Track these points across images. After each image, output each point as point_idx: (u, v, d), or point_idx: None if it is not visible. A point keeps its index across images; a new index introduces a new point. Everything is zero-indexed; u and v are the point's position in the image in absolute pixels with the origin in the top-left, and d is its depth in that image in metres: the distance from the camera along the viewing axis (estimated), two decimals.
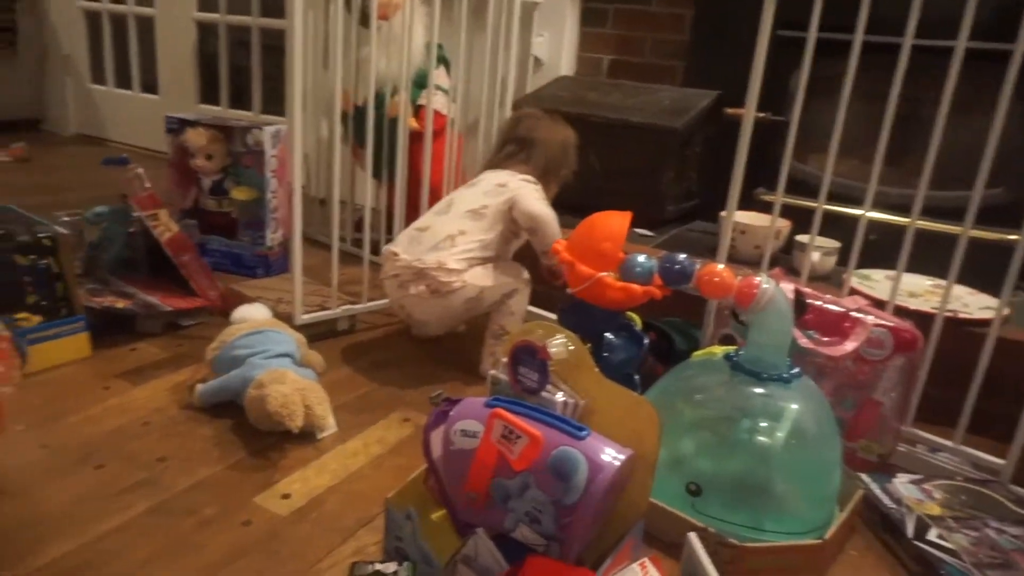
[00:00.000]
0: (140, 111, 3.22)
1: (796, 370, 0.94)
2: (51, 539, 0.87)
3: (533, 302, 1.45)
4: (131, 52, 3.21)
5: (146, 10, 3.10)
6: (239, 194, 1.81)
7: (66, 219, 1.50)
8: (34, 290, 1.28)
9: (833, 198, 1.28)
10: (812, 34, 1.16)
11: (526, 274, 1.39)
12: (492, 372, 0.89)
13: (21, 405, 1.13)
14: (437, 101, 1.82)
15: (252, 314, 1.28)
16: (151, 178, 1.55)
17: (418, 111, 1.81)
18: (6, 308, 1.24)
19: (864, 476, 1.07)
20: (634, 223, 1.13)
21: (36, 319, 1.26)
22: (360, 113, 1.85)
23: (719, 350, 1.01)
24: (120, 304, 1.41)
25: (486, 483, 0.74)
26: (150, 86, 3.21)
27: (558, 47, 2.17)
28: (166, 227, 1.52)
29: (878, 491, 1.04)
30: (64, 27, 3.35)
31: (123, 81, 3.31)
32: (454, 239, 1.31)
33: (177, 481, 1.00)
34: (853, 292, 1.31)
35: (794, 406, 0.92)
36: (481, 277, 1.31)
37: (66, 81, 3.42)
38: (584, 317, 1.11)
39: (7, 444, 1.00)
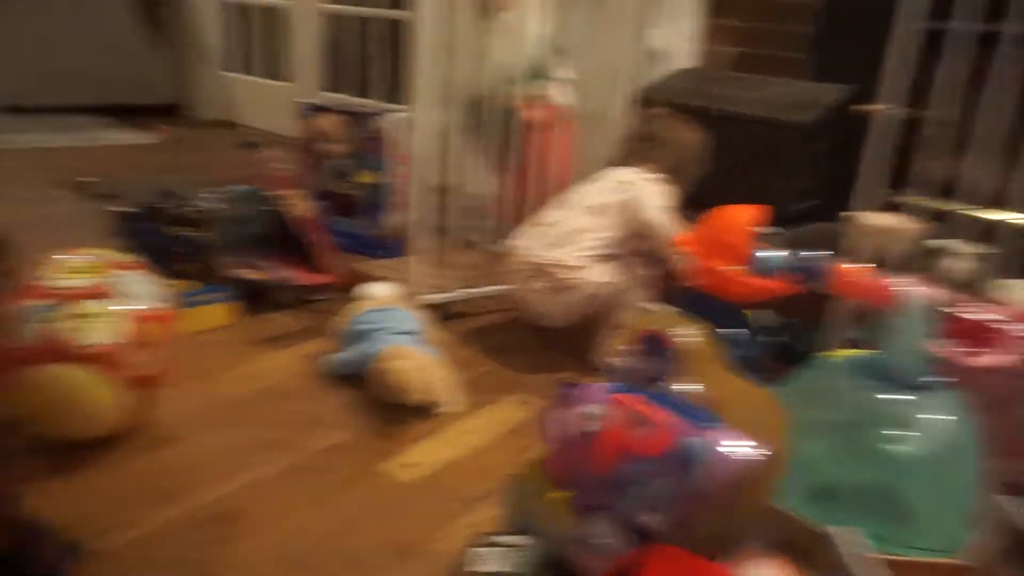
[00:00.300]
0: (271, 97, 3.42)
1: (934, 379, 0.91)
2: (207, 483, 0.97)
3: (651, 297, 1.45)
4: (262, 42, 3.41)
5: (279, 1, 3.28)
6: (362, 178, 1.90)
7: (210, 196, 1.63)
8: (183, 259, 1.41)
9: (978, 202, 1.21)
10: (959, 27, 1.10)
11: (645, 270, 1.39)
12: (613, 360, 0.90)
13: (178, 363, 1.24)
14: (555, 92, 1.84)
15: (377, 292, 1.35)
16: (282, 161, 1.66)
17: (535, 102, 1.84)
18: (158, 274, 1.36)
19: (1004, 499, 1.01)
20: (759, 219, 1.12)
21: (185, 286, 1.38)
22: (478, 103, 1.90)
23: (846, 353, 0.98)
24: (255, 277, 1.52)
25: (608, 467, 0.76)
26: (279, 73, 3.41)
27: (679, 38, 2.14)
28: (296, 207, 1.62)
29: (1020, 516, 0.98)
30: (204, 17, 3.60)
31: (255, 69, 3.53)
32: (575, 236, 1.33)
33: (311, 442, 1.08)
34: (995, 302, 1.24)
35: (932, 416, 0.88)
36: (600, 274, 1.32)
37: (205, 68, 3.67)
38: (703, 312, 1.11)
39: (171, 397, 1.11)
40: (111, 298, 0.96)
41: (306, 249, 1.58)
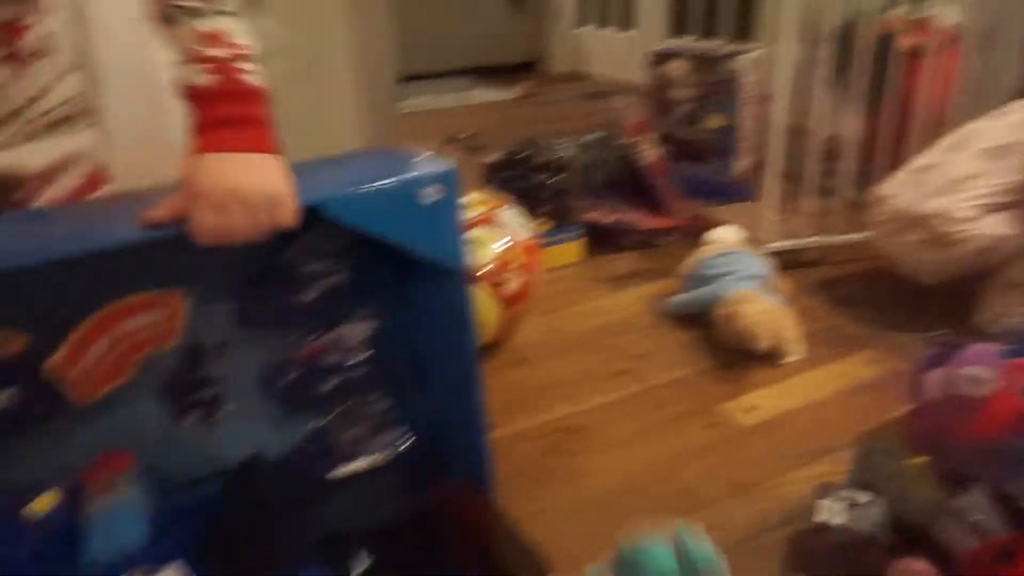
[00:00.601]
0: (617, 47, 3.52)
1: None
2: (557, 401, 1.08)
3: None
4: None
5: None
6: (711, 122, 1.87)
7: (565, 145, 1.76)
8: (546, 202, 1.55)
9: None
10: None
11: None
12: (1010, 321, 0.78)
13: (535, 294, 1.39)
14: (938, 11, 1.58)
15: (725, 236, 1.34)
16: (631, 109, 1.71)
17: (916, 25, 1.60)
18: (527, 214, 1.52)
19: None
20: None
21: (547, 226, 1.52)
22: (847, 32, 1.72)
23: None
24: (605, 220, 1.62)
25: (996, 438, 0.67)
26: (625, 23, 3.48)
27: None
28: (647, 153, 1.67)
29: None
30: None
31: (603, 21, 3.65)
32: (965, 182, 1.14)
33: (653, 376, 1.13)
34: None
35: None
36: (998, 225, 1.11)
37: (557, 26, 3.92)
38: None
39: (527, 323, 1.25)
40: (494, 229, 1.12)
41: (653, 194, 1.62)
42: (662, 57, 1.96)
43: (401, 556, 0.71)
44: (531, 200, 1.56)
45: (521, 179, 1.65)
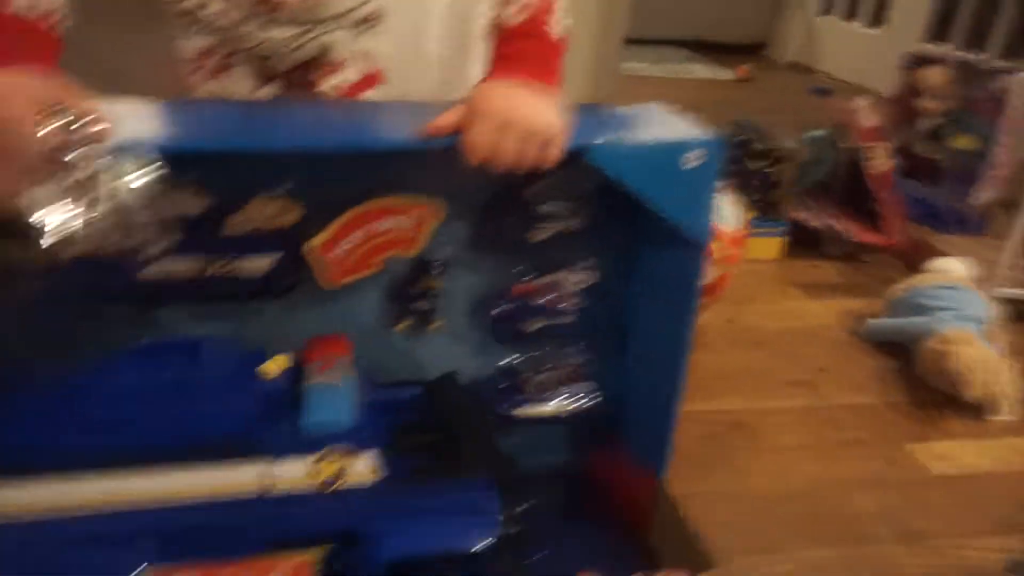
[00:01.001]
0: (859, 44, 3.23)
1: None
2: (728, 393, 1.06)
3: None
4: None
5: None
6: (958, 142, 1.69)
7: (786, 136, 1.65)
8: (755, 191, 1.48)
9: None
10: None
11: None
12: None
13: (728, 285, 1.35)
14: None
15: (952, 268, 1.22)
16: (868, 111, 1.58)
17: None
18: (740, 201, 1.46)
19: None
20: None
21: (750, 215, 1.46)
22: None
23: None
24: (813, 222, 1.52)
25: None
26: (877, 19, 3.17)
27: None
28: (879, 162, 1.54)
29: None
30: None
31: (854, 13, 3.34)
32: None
33: (833, 395, 1.07)
34: None
35: None
36: None
37: (798, 11, 3.65)
38: None
39: (712, 309, 1.21)
40: None
41: (874, 206, 1.50)
42: (919, 60, 1.78)
43: (560, 508, 0.73)
44: (740, 186, 1.50)
45: (734, 163, 1.59)
